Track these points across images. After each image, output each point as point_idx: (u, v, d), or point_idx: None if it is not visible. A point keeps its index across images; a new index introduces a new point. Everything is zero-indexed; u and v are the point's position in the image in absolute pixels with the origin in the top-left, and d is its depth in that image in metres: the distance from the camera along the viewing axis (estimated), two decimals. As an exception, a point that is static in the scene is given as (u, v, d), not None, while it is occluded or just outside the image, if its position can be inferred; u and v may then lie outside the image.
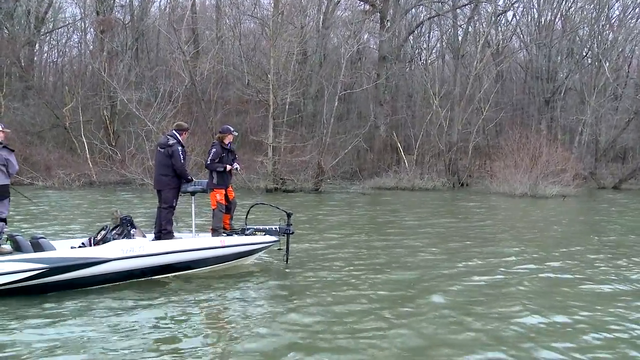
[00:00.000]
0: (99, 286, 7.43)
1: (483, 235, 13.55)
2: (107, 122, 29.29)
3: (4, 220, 7.64)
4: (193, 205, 9.09)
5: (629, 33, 37.56)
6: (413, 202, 23.08)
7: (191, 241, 8.62)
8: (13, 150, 7.85)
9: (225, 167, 9.25)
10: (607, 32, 39.14)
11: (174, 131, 9.03)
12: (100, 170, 26.09)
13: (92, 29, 34.34)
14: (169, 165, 8.70)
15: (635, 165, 36.51)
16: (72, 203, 18.85)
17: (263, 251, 9.49)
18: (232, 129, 9.61)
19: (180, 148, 8.74)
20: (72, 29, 38.16)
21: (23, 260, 7.02)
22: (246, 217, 9.73)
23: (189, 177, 8.95)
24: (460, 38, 37.55)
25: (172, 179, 8.74)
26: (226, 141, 9.44)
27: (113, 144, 28.65)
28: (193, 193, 9.01)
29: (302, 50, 32.11)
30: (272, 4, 33.02)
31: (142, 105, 27.08)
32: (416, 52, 42.42)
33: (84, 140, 27.18)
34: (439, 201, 23.73)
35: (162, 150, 8.80)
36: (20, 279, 6.89)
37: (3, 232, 7.66)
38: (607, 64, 36.22)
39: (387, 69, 34.30)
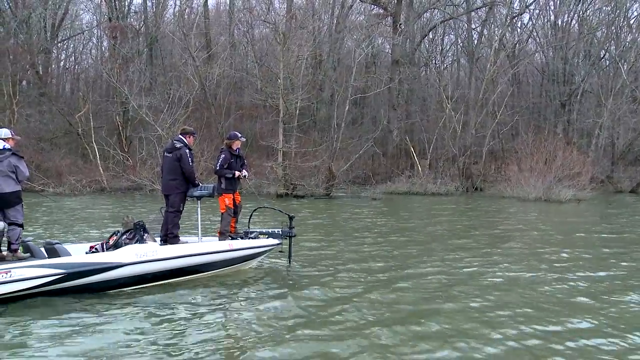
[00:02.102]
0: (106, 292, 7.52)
1: (489, 242, 13.29)
2: (120, 128, 29.51)
3: (21, 225, 7.72)
4: (199, 209, 9.15)
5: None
6: (424, 207, 22.84)
7: (201, 245, 8.73)
8: (22, 157, 7.92)
9: (234, 174, 9.38)
10: (625, 33, 38.54)
11: (180, 135, 9.11)
12: (110, 176, 26.23)
13: (105, 36, 34.67)
14: (177, 170, 8.78)
15: (654, 168, 35.77)
16: (82, 208, 18.96)
17: (266, 253, 9.65)
18: (239, 135, 9.69)
19: (187, 151, 8.84)
20: (88, 36, 38.72)
21: (43, 266, 7.12)
22: (249, 221, 9.94)
23: (196, 182, 9.04)
24: (475, 41, 37.26)
25: (180, 184, 8.83)
26: (234, 147, 9.54)
27: (126, 149, 28.84)
28: (199, 197, 9.07)
29: (315, 54, 32.11)
30: (286, 9, 33.28)
31: (155, 111, 27.20)
32: (431, 55, 42.20)
33: (95, 146, 27.37)
34: (450, 206, 23.42)
35: (170, 154, 8.90)
36: (40, 284, 7.01)
37: (20, 238, 7.72)
38: (626, 65, 35.60)
39: (400, 73, 34.11)
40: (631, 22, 39.05)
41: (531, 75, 43.57)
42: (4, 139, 7.70)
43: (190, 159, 8.81)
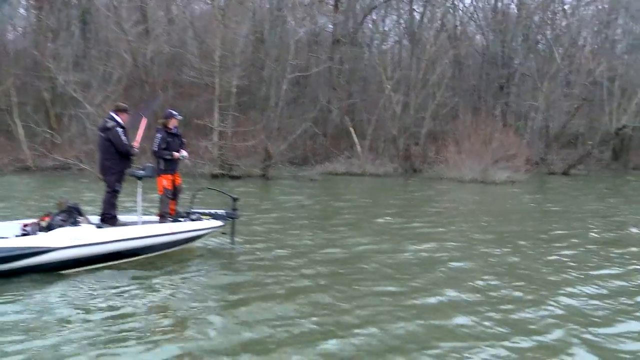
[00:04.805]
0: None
1: (408, 225, 13.32)
2: (48, 104, 28.11)
3: None
4: (139, 189, 8.92)
5: (581, 20, 37.69)
6: (358, 188, 22.82)
7: (139, 229, 8.53)
8: None
9: (173, 155, 9.19)
10: (560, 18, 39.37)
11: (111, 113, 8.89)
12: (35, 155, 24.95)
13: (30, 7, 32.88)
14: (109, 149, 8.64)
15: (584, 151, 36.92)
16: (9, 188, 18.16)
17: (208, 235, 9.68)
18: (175, 113, 9.47)
19: (119, 129, 8.64)
20: (15, 6, 36.57)
21: None
22: (192, 202, 9.84)
23: (133, 152, 8.79)
24: (417, 22, 37.26)
25: (114, 164, 8.67)
26: (170, 126, 9.33)
27: (55, 127, 27.53)
28: (140, 177, 8.86)
29: (255, 31, 31.38)
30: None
31: (86, 87, 25.98)
32: (375, 35, 42.01)
33: (19, 122, 25.98)
34: (384, 187, 23.56)
35: (103, 134, 8.71)
36: None
37: None
38: (560, 50, 36.39)
39: (341, 52, 33.80)
40: (566, 7, 39.93)
41: (472, 57, 44.03)
42: None
43: (122, 135, 8.59)
